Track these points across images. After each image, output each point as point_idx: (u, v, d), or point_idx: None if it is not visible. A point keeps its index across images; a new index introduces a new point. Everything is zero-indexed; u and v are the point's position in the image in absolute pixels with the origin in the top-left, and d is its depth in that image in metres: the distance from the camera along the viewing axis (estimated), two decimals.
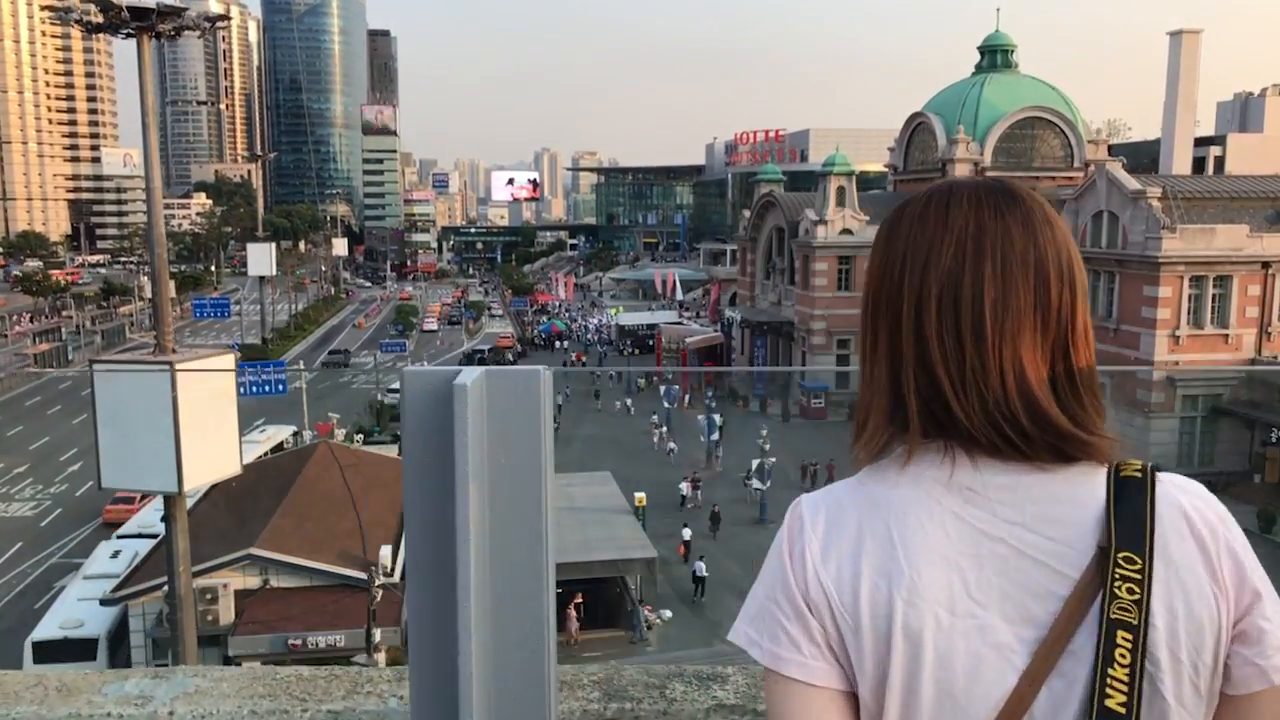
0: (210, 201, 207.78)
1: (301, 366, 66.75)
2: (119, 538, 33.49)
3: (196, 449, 17.74)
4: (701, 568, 32.42)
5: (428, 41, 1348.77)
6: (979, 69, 68.10)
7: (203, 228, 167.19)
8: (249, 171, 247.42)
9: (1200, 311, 41.58)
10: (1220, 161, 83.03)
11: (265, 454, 41.80)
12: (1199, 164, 79.81)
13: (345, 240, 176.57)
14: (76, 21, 19.40)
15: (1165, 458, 42.26)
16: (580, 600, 27.73)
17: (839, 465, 46.87)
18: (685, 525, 36.22)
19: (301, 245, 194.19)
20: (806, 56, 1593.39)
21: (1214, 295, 41.60)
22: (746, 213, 76.16)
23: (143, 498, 41.49)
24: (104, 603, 24.88)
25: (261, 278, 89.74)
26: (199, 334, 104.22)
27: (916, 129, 68.94)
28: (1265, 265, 41.86)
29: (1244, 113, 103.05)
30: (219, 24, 20.32)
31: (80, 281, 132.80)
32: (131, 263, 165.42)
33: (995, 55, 67.31)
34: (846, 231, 59.39)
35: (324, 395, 66.50)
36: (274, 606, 23.82)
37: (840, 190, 59.65)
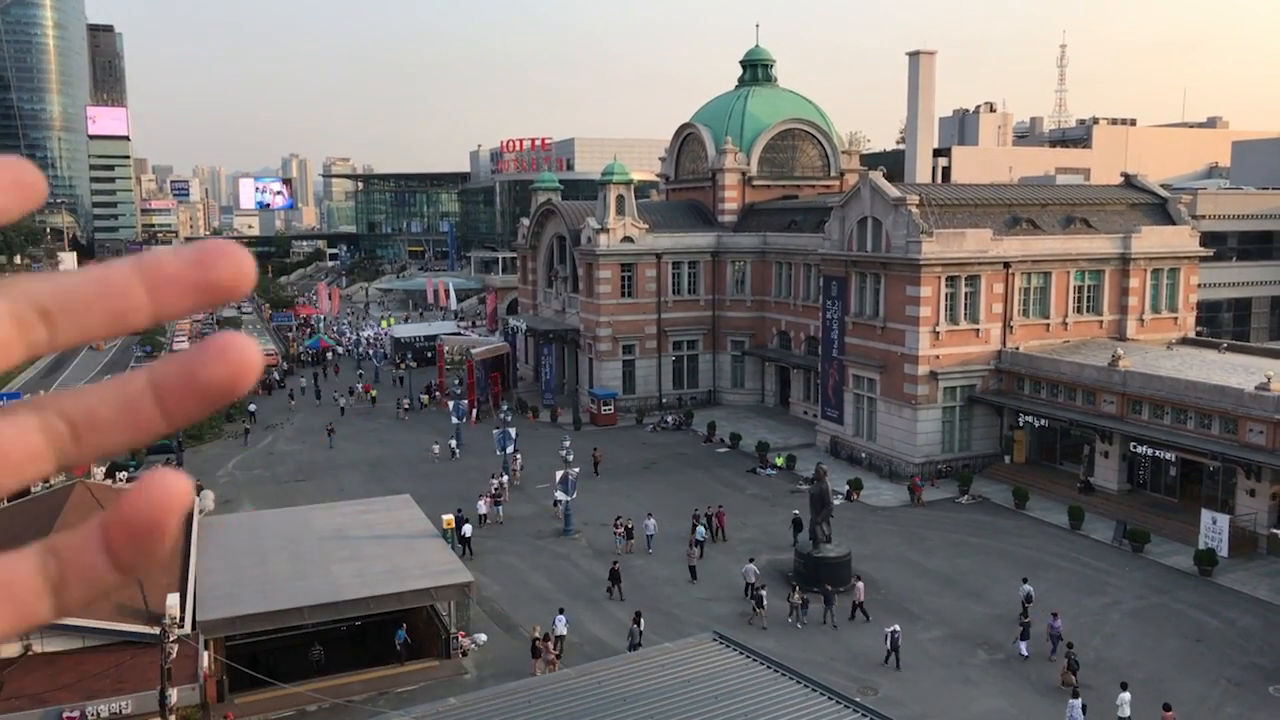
0: None
1: None
2: None
3: None
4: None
5: (157, 39, 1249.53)
6: (741, 82, 71.00)
7: None
8: None
9: (955, 308, 45.31)
10: (947, 171, 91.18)
11: None
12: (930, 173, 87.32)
13: (74, 254, 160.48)
14: None
15: (931, 445, 45.78)
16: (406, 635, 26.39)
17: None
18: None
19: (18, 260, 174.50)
20: (569, 66, 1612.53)
21: (966, 293, 45.48)
22: (525, 221, 75.49)
23: None
24: None
25: None
26: None
27: (686, 139, 70.84)
28: (1006, 265, 46.24)
29: (962, 127, 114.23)
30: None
31: None
32: None
33: (757, 69, 70.42)
34: (628, 239, 60.14)
35: None
36: (41, 676, 20.80)
37: (620, 199, 60.30)
